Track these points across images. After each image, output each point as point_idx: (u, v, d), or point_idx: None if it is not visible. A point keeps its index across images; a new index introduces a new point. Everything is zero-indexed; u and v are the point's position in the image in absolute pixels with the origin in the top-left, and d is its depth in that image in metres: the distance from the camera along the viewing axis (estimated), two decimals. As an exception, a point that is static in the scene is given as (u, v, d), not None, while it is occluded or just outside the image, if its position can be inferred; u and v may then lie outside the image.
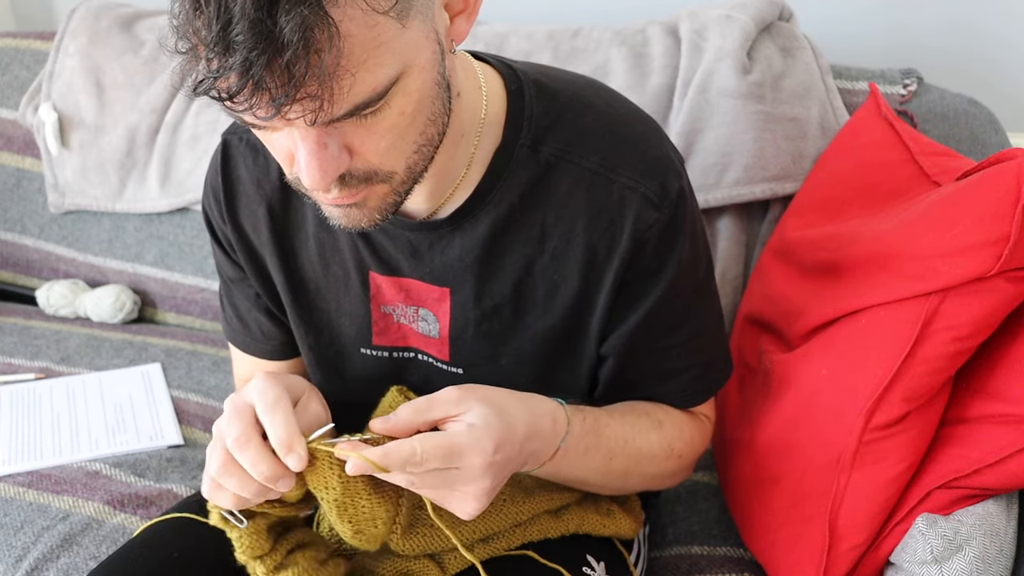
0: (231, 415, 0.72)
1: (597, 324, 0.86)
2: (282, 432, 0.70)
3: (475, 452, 0.72)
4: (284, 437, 0.70)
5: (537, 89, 0.83)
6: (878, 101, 1.21)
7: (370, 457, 0.69)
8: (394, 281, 0.88)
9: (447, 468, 0.71)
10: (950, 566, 0.83)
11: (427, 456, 0.70)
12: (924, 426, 0.90)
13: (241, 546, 0.76)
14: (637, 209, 0.80)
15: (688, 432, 0.93)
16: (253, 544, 0.76)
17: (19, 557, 1.07)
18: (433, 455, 0.70)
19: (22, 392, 1.36)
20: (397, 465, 0.70)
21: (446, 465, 0.71)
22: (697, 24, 1.35)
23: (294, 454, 0.70)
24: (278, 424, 0.70)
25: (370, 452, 0.70)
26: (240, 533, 0.76)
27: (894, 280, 0.90)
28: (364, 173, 0.69)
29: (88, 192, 1.62)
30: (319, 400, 0.78)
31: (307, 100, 0.60)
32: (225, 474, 0.71)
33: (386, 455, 0.70)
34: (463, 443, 0.72)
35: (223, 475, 0.71)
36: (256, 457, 0.70)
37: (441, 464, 0.71)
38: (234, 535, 0.76)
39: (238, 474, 0.71)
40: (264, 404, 0.71)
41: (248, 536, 0.76)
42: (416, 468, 0.70)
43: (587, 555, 0.92)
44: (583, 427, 0.83)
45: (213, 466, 0.72)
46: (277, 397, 0.71)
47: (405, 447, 0.70)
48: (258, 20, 0.56)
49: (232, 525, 0.76)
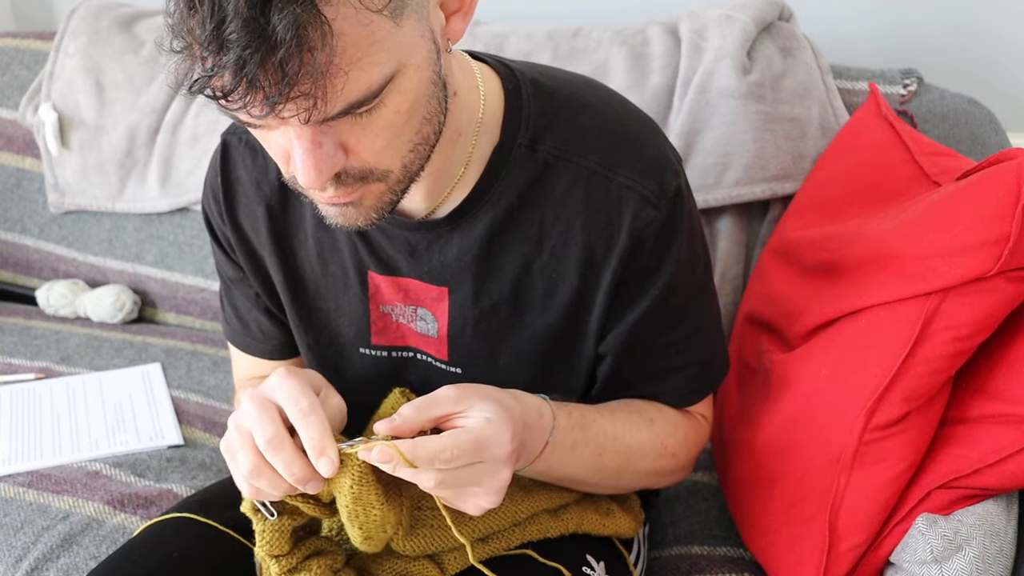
0: (260, 414, 0.71)
1: (595, 323, 0.86)
2: (317, 437, 0.70)
3: (497, 443, 0.72)
4: (318, 441, 0.69)
5: (535, 88, 0.83)
6: (878, 101, 1.21)
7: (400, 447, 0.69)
8: (392, 281, 0.88)
9: (474, 464, 0.71)
10: (950, 566, 0.83)
11: (457, 451, 0.70)
12: (924, 426, 0.90)
13: (263, 540, 0.76)
14: (635, 208, 0.81)
15: (683, 431, 0.93)
16: (273, 541, 0.76)
17: (19, 557, 1.07)
18: (464, 450, 0.70)
19: (22, 392, 1.36)
20: (425, 459, 0.69)
21: (474, 460, 0.71)
22: (697, 24, 1.35)
23: (326, 458, 0.69)
24: (313, 428, 0.70)
25: (400, 444, 0.69)
26: (264, 527, 0.76)
27: (894, 280, 0.90)
28: (360, 172, 0.69)
29: (88, 192, 1.62)
30: (336, 395, 0.79)
31: (301, 98, 0.60)
32: (257, 476, 0.71)
33: (415, 447, 0.69)
34: (487, 436, 0.72)
35: (255, 476, 0.71)
36: (290, 460, 0.70)
37: (471, 459, 0.71)
38: (259, 528, 0.77)
39: (269, 475, 0.71)
40: (299, 408, 0.71)
41: (272, 532, 0.76)
42: (447, 464, 0.70)
43: (587, 555, 0.92)
44: (569, 421, 0.83)
45: (244, 466, 0.72)
46: (312, 402, 0.71)
47: (433, 442, 0.70)
48: (251, 19, 0.56)
49: (261, 517, 0.76)
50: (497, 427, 0.73)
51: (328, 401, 0.76)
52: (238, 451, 0.72)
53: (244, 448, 0.71)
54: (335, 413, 0.76)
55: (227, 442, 0.74)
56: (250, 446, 0.71)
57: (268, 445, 0.70)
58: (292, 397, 0.71)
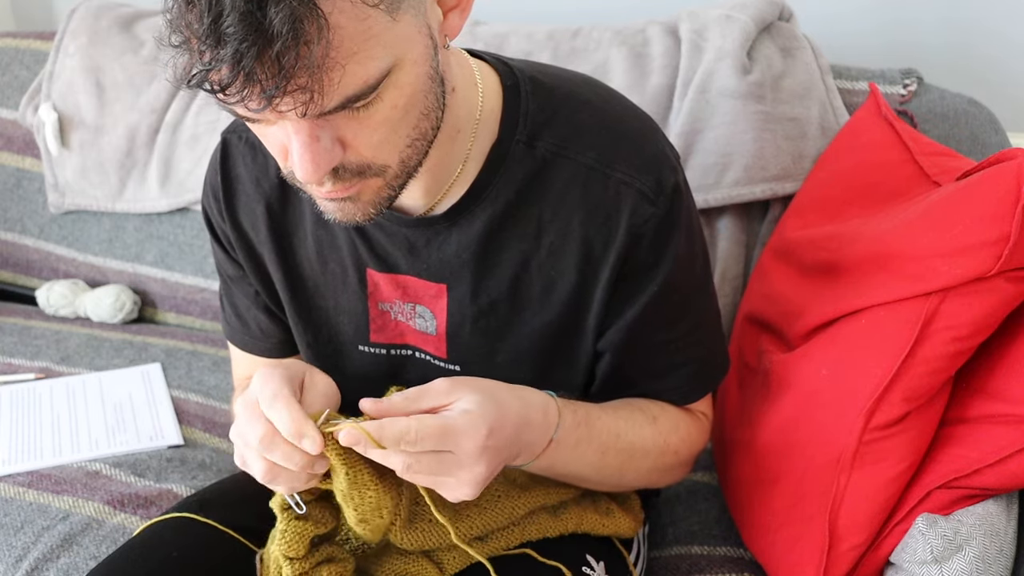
0: (248, 418, 0.73)
1: (594, 319, 0.86)
2: (287, 422, 0.71)
3: (469, 436, 0.72)
4: (290, 426, 0.71)
5: (533, 85, 0.83)
6: (878, 101, 1.21)
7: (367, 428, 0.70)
8: (391, 278, 0.88)
9: (442, 451, 0.72)
10: (950, 566, 0.83)
11: (422, 435, 0.70)
12: (924, 426, 0.90)
13: (283, 539, 0.77)
14: (633, 204, 0.81)
15: (684, 429, 0.93)
16: (293, 542, 0.77)
17: (19, 557, 1.07)
18: (428, 435, 0.71)
19: (22, 392, 1.36)
20: (391, 439, 0.70)
21: (441, 447, 0.71)
22: (697, 24, 1.35)
23: (307, 438, 0.70)
24: (281, 415, 0.71)
25: (366, 424, 0.70)
26: (288, 527, 0.77)
27: (894, 280, 0.90)
28: (357, 166, 0.70)
29: (88, 192, 1.62)
30: (322, 374, 0.79)
31: (298, 92, 0.61)
32: (273, 477, 0.73)
33: (381, 427, 0.70)
34: (457, 426, 0.72)
35: (271, 479, 0.73)
36: (287, 452, 0.71)
37: (436, 445, 0.71)
38: (282, 527, 0.77)
39: (283, 473, 0.73)
40: (265, 400, 0.72)
41: (293, 533, 0.77)
42: (411, 447, 0.70)
43: (586, 554, 0.91)
44: (574, 419, 0.84)
45: (258, 472, 0.73)
46: (275, 390, 0.72)
47: (400, 422, 0.70)
48: (248, 12, 0.57)
49: (290, 514, 0.77)
50: (472, 420, 0.73)
51: (314, 381, 0.77)
52: (248, 459, 0.74)
53: (251, 455, 0.73)
54: (323, 392, 0.77)
55: (238, 455, 0.75)
56: (255, 453, 0.72)
57: (261, 445, 0.71)
58: (260, 391, 0.72)
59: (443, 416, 0.73)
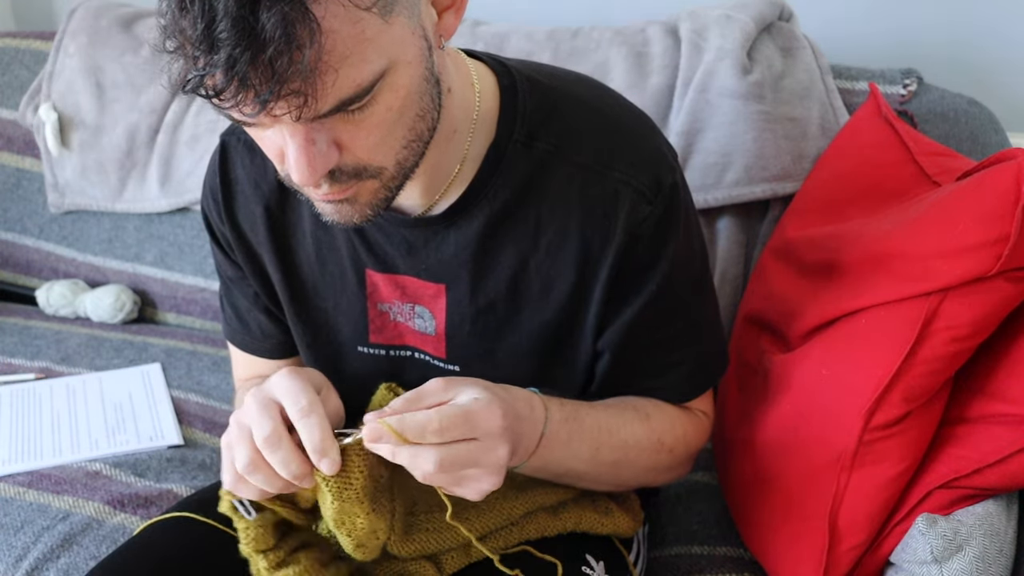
0: (260, 411, 0.72)
1: (592, 318, 0.86)
2: (318, 438, 0.70)
3: (488, 418, 0.72)
4: (319, 443, 0.70)
5: (530, 85, 0.83)
6: (878, 101, 1.21)
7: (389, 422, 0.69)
8: (390, 278, 0.88)
9: (469, 440, 0.71)
10: (950, 566, 0.83)
11: (446, 423, 0.70)
12: (924, 426, 0.90)
13: (247, 537, 0.77)
14: (630, 203, 0.81)
15: (680, 427, 0.93)
16: (258, 537, 0.77)
17: (19, 557, 1.07)
18: (453, 422, 0.70)
19: (22, 392, 1.36)
20: (414, 431, 0.69)
21: (467, 434, 0.71)
22: (697, 24, 1.35)
23: (328, 459, 0.70)
24: (314, 428, 0.70)
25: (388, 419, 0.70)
26: (247, 524, 0.76)
27: (894, 280, 0.90)
28: (354, 168, 0.70)
29: (88, 192, 1.62)
30: (335, 393, 0.79)
31: (292, 96, 0.61)
32: (253, 471, 0.72)
33: (402, 420, 0.70)
34: (476, 409, 0.72)
35: (251, 472, 0.72)
36: (288, 457, 0.71)
37: (463, 432, 0.71)
38: (240, 525, 0.77)
39: (266, 471, 0.72)
40: (299, 408, 0.71)
41: (255, 528, 0.76)
42: (437, 436, 0.69)
43: (586, 554, 0.91)
44: (562, 413, 0.83)
45: (240, 461, 0.72)
46: (311, 402, 0.71)
47: (420, 415, 0.70)
48: (240, 17, 0.57)
49: (240, 515, 0.76)
50: (486, 404, 0.73)
51: (327, 401, 0.76)
52: (236, 446, 0.73)
53: (242, 443, 0.72)
54: (333, 412, 0.76)
55: (227, 437, 0.74)
56: (248, 442, 0.72)
57: (266, 442, 0.71)
58: (293, 396, 0.72)
59: (460, 404, 0.72)
